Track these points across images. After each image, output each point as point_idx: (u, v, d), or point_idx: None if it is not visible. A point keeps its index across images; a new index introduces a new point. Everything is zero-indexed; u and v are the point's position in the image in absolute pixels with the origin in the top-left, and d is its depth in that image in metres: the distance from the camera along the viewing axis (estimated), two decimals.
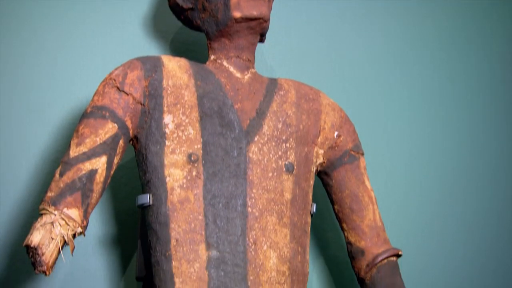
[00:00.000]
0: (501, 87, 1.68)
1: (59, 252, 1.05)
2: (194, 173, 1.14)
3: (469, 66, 1.68)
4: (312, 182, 1.26)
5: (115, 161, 1.15)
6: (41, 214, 1.07)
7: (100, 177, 1.12)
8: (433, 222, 1.57)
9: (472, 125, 1.65)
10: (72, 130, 1.39)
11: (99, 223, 1.40)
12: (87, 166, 1.11)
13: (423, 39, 1.66)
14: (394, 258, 1.28)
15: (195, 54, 1.47)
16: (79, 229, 1.08)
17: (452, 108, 1.65)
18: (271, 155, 1.19)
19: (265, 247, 1.14)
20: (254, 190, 1.16)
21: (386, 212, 1.41)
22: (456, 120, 1.65)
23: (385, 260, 1.27)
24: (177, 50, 1.49)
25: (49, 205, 1.07)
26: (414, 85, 1.64)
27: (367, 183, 1.30)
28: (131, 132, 1.17)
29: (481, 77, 1.68)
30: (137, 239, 1.31)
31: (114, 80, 1.17)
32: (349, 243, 1.30)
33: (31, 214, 1.35)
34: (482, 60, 1.69)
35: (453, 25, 1.69)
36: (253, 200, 1.15)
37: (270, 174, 1.18)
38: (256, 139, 1.19)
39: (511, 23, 1.72)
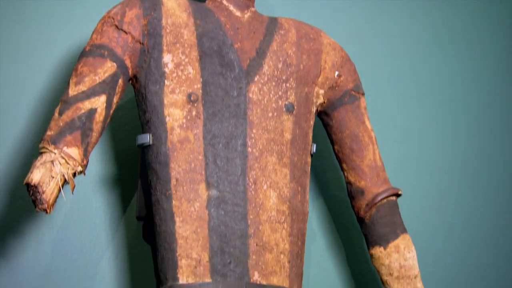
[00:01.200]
0: None
1: (59, 190, 1.06)
2: (193, 113, 1.14)
3: None
4: (312, 123, 1.26)
5: (115, 100, 1.14)
6: (41, 153, 1.07)
7: (99, 116, 1.11)
8: (433, 162, 1.58)
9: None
10: (71, 69, 1.38)
11: (99, 163, 1.40)
12: (86, 105, 1.10)
13: None
14: (393, 198, 1.29)
15: None
16: (79, 168, 1.08)
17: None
18: (271, 95, 1.19)
19: (265, 187, 1.14)
20: (254, 130, 1.16)
21: (386, 153, 1.41)
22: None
23: (385, 200, 1.27)
24: None
25: (48, 144, 1.06)
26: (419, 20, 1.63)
27: (367, 123, 1.30)
28: (130, 71, 1.16)
29: None
30: (137, 179, 1.32)
31: (113, 18, 1.15)
32: (349, 183, 1.30)
33: (31, 153, 1.35)
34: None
35: None
36: (253, 140, 1.15)
37: (270, 114, 1.18)
38: (256, 79, 1.18)
39: None
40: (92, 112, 1.10)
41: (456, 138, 1.60)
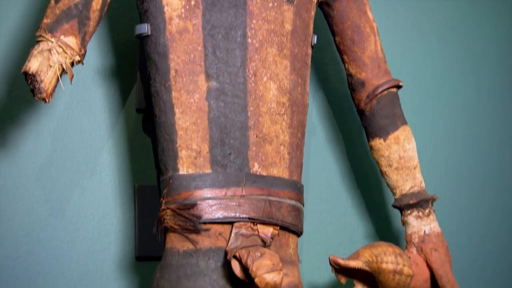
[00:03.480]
0: None
1: (57, 80, 1.05)
2: (192, 2, 1.11)
3: None
4: (313, 13, 1.23)
5: None
6: (38, 41, 1.05)
7: (96, 5, 1.09)
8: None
9: None
10: None
11: (97, 54, 1.38)
12: None
13: None
14: (394, 89, 1.28)
15: None
16: (77, 57, 1.07)
17: None
18: None
19: (265, 79, 1.14)
20: (254, 21, 1.14)
21: (387, 45, 1.39)
22: None
23: (385, 91, 1.27)
24: None
25: (45, 32, 1.05)
26: None
27: (369, 13, 1.27)
28: None
29: None
30: (136, 70, 1.31)
31: None
32: (349, 75, 1.29)
33: (28, 42, 1.34)
34: None
35: None
36: (253, 31, 1.13)
37: (270, 5, 1.15)
38: None
39: None
40: (88, 0, 1.07)
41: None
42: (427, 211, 1.26)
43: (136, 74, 1.32)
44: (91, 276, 1.35)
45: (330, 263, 1.24)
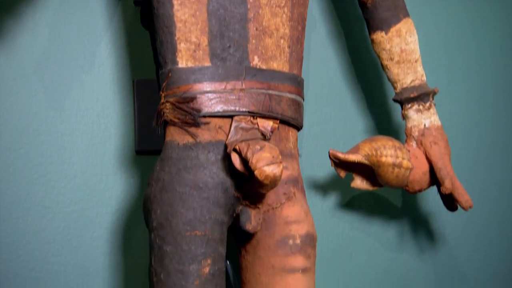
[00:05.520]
0: None
1: None
2: None
3: None
4: None
5: None
6: None
7: None
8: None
9: None
10: None
11: None
12: None
13: None
14: None
15: None
16: None
17: None
18: None
19: None
20: None
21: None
22: None
23: None
24: None
25: None
26: None
27: None
28: None
29: None
30: None
31: None
32: None
33: None
34: None
35: None
36: None
37: None
38: None
39: None
40: None
41: None
42: (427, 104, 1.26)
43: None
44: (91, 170, 1.36)
45: (330, 157, 1.25)
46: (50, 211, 1.34)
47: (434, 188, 1.40)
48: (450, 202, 1.30)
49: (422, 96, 1.25)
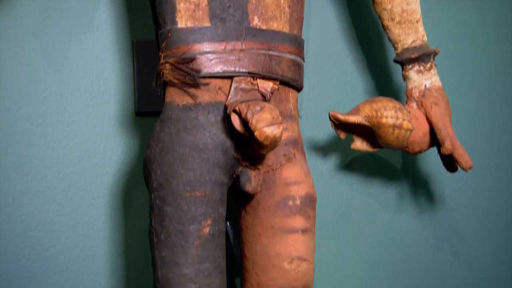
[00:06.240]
0: None
1: None
2: None
3: None
4: None
5: None
6: None
7: None
8: None
9: None
10: None
11: None
12: None
13: None
14: None
15: None
16: None
17: None
18: None
19: None
20: None
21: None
22: None
23: None
24: None
25: None
26: None
27: None
28: None
29: None
30: None
31: None
32: None
33: None
34: None
35: None
36: None
37: None
38: None
39: None
40: None
41: None
42: (428, 65, 1.25)
43: None
44: (91, 131, 1.36)
45: (330, 119, 1.25)
46: (50, 171, 1.34)
47: (434, 149, 1.40)
48: (450, 163, 1.31)
49: (423, 56, 1.25)
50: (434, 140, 1.26)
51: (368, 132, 1.29)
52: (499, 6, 1.52)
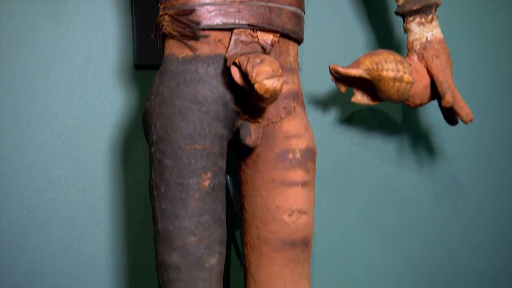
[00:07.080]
0: None
1: None
2: None
3: None
4: None
5: None
6: None
7: None
8: None
9: None
10: None
11: None
12: None
13: None
14: None
15: None
16: None
17: None
18: None
19: None
20: None
21: None
22: None
23: None
24: None
25: None
26: None
27: None
28: None
29: None
30: None
31: None
32: None
33: None
34: None
35: None
36: None
37: None
38: None
39: None
40: None
41: None
42: (429, 17, 1.24)
43: None
44: (90, 83, 1.35)
45: (330, 72, 1.24)
46: (50, 124, 1.34)
47: (435, 102, 1.40)
48: (451, 115, 1.30)
49: (424, 8, 1.23)
50: (435, 93, 1.26)
51: (368, 85, 1.28)
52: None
